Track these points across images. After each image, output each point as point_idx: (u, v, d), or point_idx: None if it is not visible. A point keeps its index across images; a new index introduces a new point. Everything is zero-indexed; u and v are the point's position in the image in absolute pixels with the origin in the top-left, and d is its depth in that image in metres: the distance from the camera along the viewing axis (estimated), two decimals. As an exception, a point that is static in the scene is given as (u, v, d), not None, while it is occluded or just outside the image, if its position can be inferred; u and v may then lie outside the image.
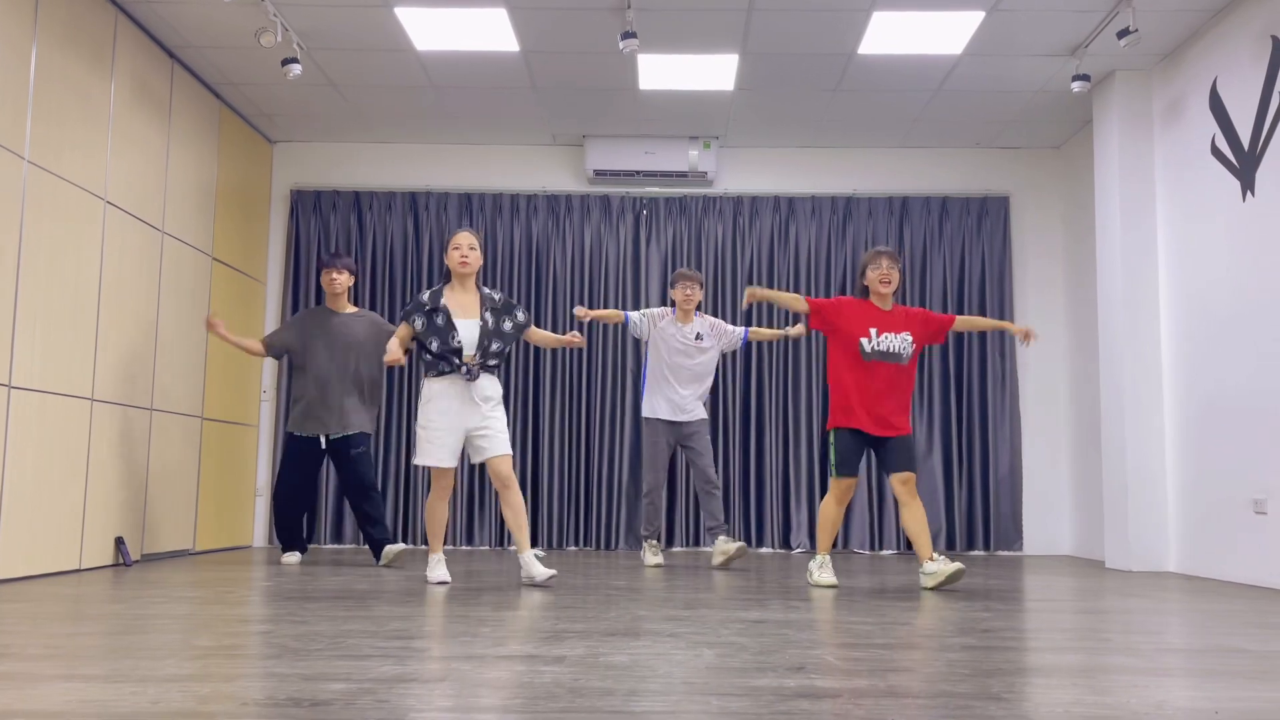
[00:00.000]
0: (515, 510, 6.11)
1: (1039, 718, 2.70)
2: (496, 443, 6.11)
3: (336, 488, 9.53)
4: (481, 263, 6.27)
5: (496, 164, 10.07)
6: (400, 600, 5.22)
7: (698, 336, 7.70)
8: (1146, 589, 6.38)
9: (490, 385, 6.18)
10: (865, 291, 6.45)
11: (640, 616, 4.67)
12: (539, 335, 6.55)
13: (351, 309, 7.68)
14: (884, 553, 9.37)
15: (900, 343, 6.29)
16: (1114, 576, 7.31)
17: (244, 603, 5.08)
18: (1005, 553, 9.51)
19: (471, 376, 6.06)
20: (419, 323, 6.13)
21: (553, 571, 6.07)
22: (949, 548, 9.50)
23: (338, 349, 7.50)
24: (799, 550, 9.42)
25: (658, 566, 7.57)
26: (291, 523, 7.69)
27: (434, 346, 6.07)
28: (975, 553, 9.48)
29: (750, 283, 9.78)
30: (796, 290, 9.76)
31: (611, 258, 9.83)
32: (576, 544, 9.56)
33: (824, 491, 9.54)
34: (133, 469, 7.47)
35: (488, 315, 6.16)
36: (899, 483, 6.24)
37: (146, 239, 7.65)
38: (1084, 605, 5.40)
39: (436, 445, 6.06)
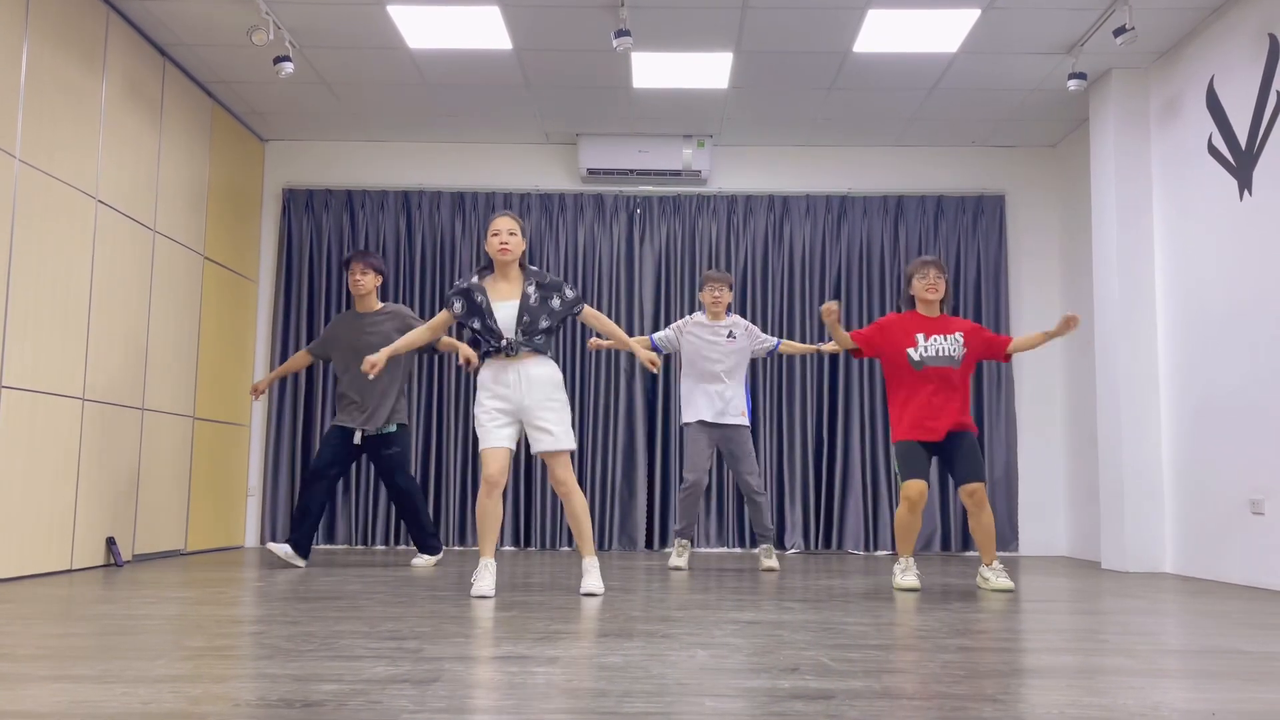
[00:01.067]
0: (574, 516, 5.72)
1: (1034, 719, 2.68)
2: (550, 440, 5.66)
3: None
4: (524, 247, 5.80)
5: (489, 163, 10.05)
6: (393, 601, 5.20)
7: (730, 335, 7.47)
8: (1143, 590, 6.37)
9: (542, 367, 5.72)
10: (912, 302, 6.40)
11: (634, 617, 4.65)
12: (603, 322, 5.92)
13: (379, 306, 7.53)
14: (878, 554, 9.36)
15: (950, 344, 6.21)
16: (1110, 577, 7.30)
17: (236, 603, 5.06)
18: (1001, 553, 9.49)
19: (513, 351, 5.64)
20: (458, 306, 5.76)
21: (598, 589, 5.65)
22: (944, 549, 9.50)
23: (363, 354, 7.35)
24: (793, 551, 9.41)
25: (678, 569, 7.44)
26: (306, 510, 7.33)
27: (475, 325, 5.74)
28: (971, 554, 9.47)
29: (744, 283, 9.76)
30: (791, 291, 9.74)
31: (605, 257, 9.81)
32: (570, 544, 9.54)
33: (819, 493, 9.54)
34: (124, 469, 7.44)
35: (530, 289, 5.73)
36: (965, 494, 6.16)
37: (138, 238, 7.63)
38: (1080, 606, 5.39)
39: (486, 427, 5.65)
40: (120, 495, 7.40)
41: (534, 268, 5.91)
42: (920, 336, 6.22)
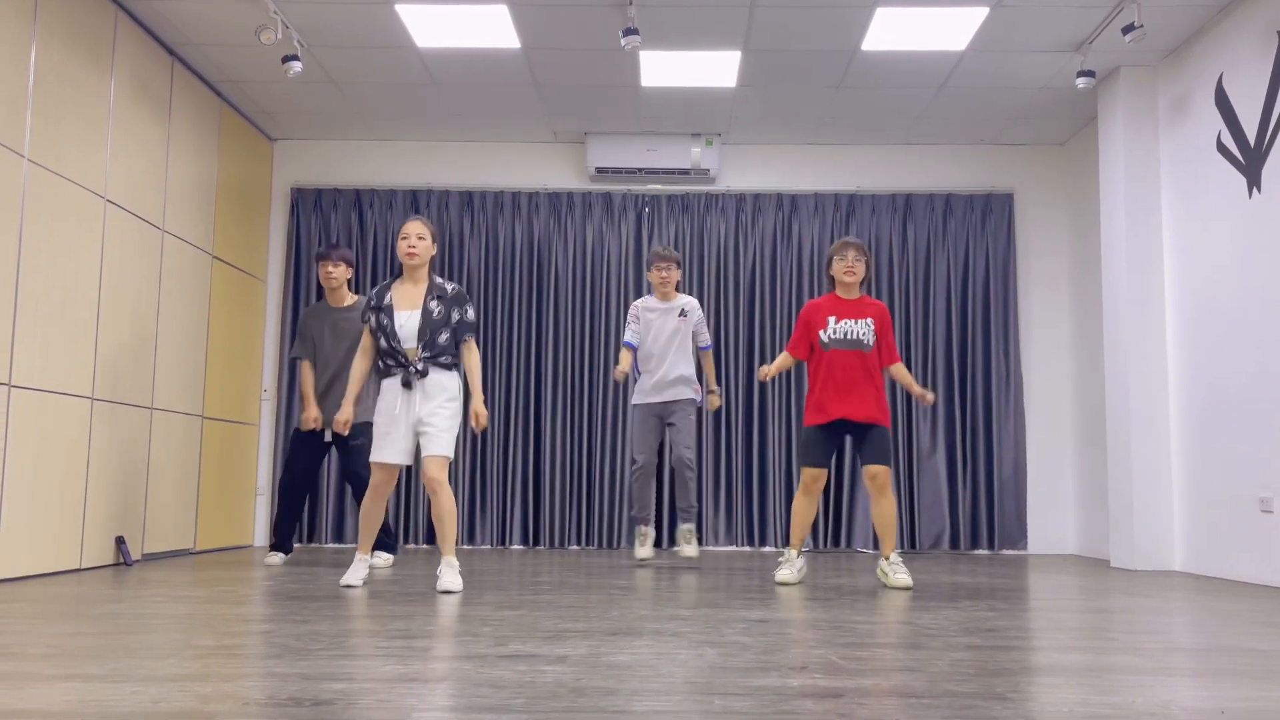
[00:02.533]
0: (439, 516, 5.71)
1: (1044, 717, 2.68)
2: (432, 442, 5.70)
3: (338, 485, 9.52)
4: (434, 253, 5.91)
5: (498, 161, 10.05)
6: (402, 600, 5.20)
7: (682, 313, 7.58)
8: (1152, 588, 6.36)
9: (443, 379, 5.79)
10: (833, 282, 6.42)
11: (642, 616, 4.65)
12: (474, 372, 5.93)
13: (350, 299, 7.56)
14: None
15: (861, 328, 6.23)
16: (1119, 575, 7.29)
17: (245, 602, 5.07)
18: (1009, 552, 9.48)
19: (421, 373, 5.73)
20: (372, 320, 5.85)
21: (456, 587, 5.64)
22: (953, 547, 9.48)
23: (339, 344, 7.42)
24: (804, 549, 9.39)
25: (643, 563, 7.53)
26: (288, 516, 7.48)
27: (381, 343, 5.80)
28: (980, 552, 9.46)
29: (753, 281, 9.75)
30: (799, 290, 9.74)
31: (613, 255, 9.81)
32: (579, 543, 9.54)
33: (827, 492, 9.52)
34: (133, 468, 7.46)
35: (433, 303, 5.79)
36: (869, 477, 6.20)
37: (147, 237, 7.64)
38: (1089, 604, 5.38)
39: (382, 440, 5.73)
40: (129, 494, 7.41)
41: (440, 279, 5.94)
42: (831, 319, 6.24)
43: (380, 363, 5.87)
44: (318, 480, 7.57)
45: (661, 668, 3.32)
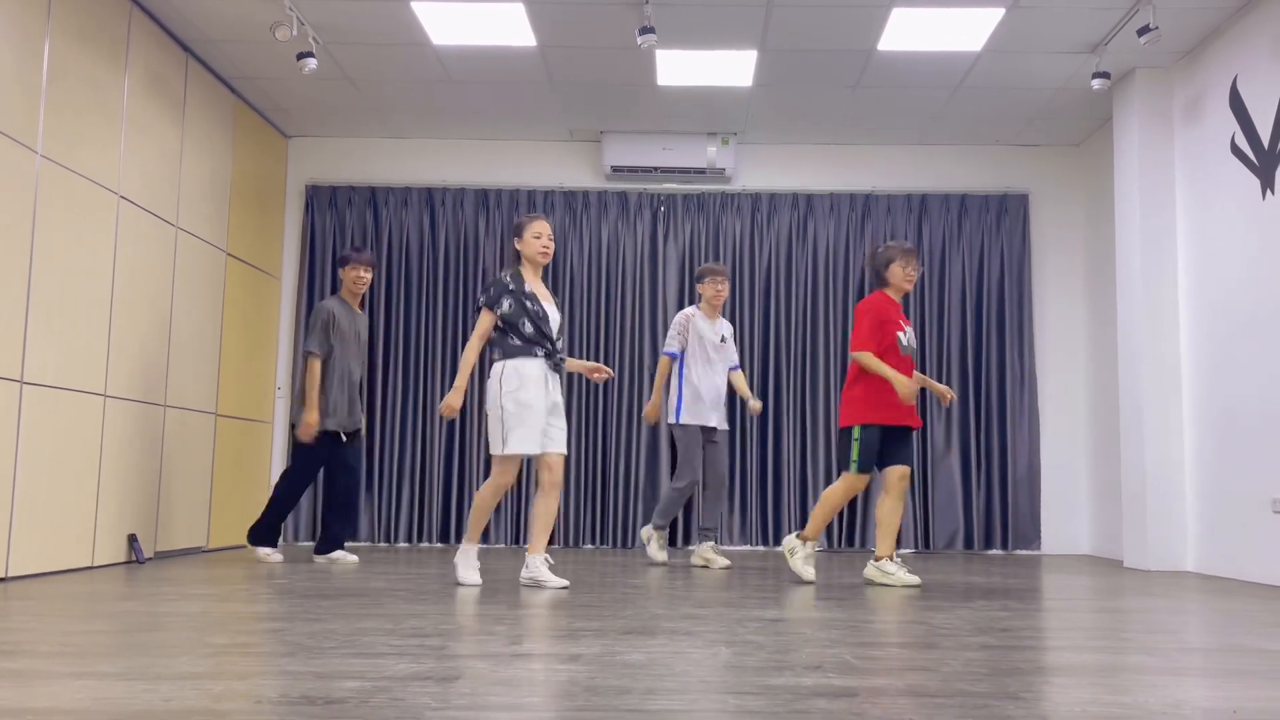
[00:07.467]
0: (551, 511, 5.84)
1: (1057, 717, 2.67)
2: (561, 439, 5.86)
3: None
4: None
5: (513, 160, 10.05)
6: (416, 598, 5.21)
7: (722, 339, 7.69)
8: (1165, 588, 6.34)
9: (559, 380, 6.03)
10: (883, 282, 6.40)
11: (657, 615, 4.65)
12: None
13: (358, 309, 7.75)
14: (901, 551, 9.34)
15: (913, 336, 6.43)
16: (1132, 576, 7.27)
17: (258, 600, 5.07)
18: (1023, 552, 9.46)
19: (560, 363, 5.90)
20: (507, 304, 5.81)
21: (564, 582, 5.85)
22: (967, 547, 9.47)
23: (359, 349, 7.63)
24: (816, 549, 9.37)
25: (662, 564, 7.57)
26: (283, 519, 7.54)
27: (526, 329, 5.79)
28: (994, 552, 9.45)
29: (768, 281, 9.74)
30: (815, 290, 9.72)
31: (629, 255, 9.81)
32: (593, 542, 9.54)
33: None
34: (146, 466, 7.47)
35: (556, 299, 5.99)
36: (899, 476, 6.26)
37: (161, 234, 7.65)
38: (1102, 605, 5.37)
39: (533, 429, 5.72)
40: (142, 492, 7.43)
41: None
42: (903, 324, 6.34)
43: (529, 348, 5.82)
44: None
45: (676, 667, 3.32)
